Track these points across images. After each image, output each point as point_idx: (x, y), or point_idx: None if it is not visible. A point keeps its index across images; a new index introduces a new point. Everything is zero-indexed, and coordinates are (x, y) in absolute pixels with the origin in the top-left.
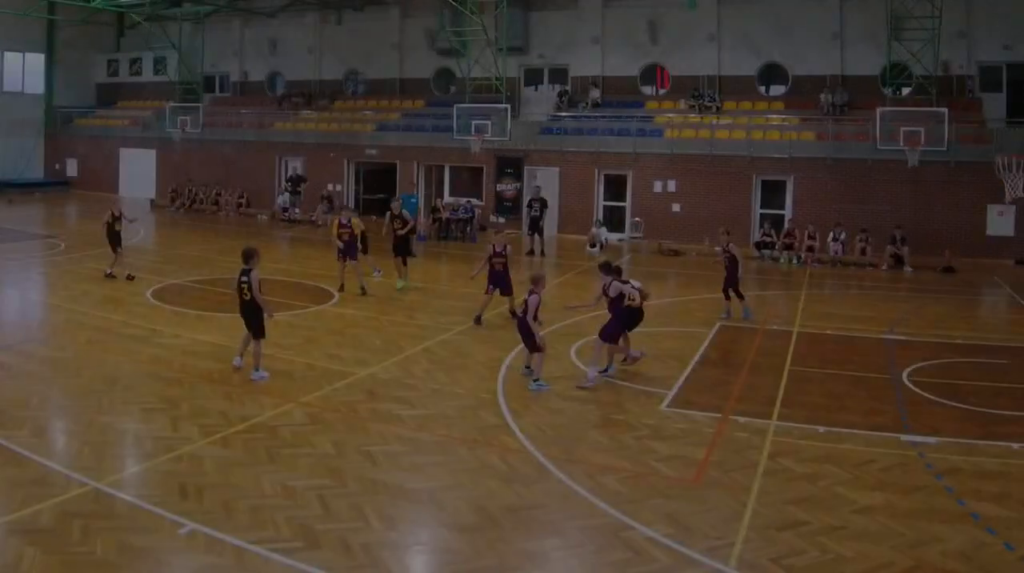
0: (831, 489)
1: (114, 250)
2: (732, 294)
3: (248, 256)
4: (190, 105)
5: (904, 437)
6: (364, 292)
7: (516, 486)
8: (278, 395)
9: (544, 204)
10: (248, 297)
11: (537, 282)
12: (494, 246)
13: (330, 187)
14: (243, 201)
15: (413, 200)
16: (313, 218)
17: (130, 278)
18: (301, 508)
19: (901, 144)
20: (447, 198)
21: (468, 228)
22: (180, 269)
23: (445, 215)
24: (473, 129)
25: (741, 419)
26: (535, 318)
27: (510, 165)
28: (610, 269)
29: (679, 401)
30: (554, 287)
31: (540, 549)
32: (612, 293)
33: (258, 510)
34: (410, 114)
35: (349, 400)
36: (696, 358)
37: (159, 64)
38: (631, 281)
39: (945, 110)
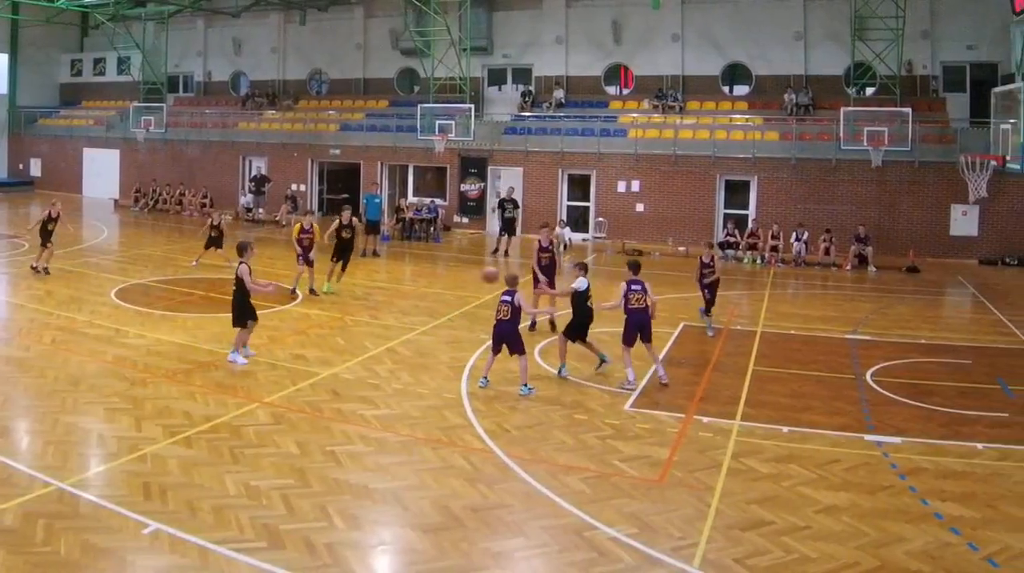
0: (795, 489)
1: (44, 246)
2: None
3: (241, 249)
4: (154, 105)
5: (868, 437)
6: (314, 293)
7: (480, 486)
8: (242, 395)
9: (516, 205)
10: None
11: (512, 281)
12: (539, 241)
13: (294, 187)
14: (207, 201)
15: (377, 200)
16: (277, 218)
17: (45, 272)
18: (265, 508)
19: (865, 144)
20: (411, 198)
21: (432, 228)
22: (144, 269)
23: (409, 215)
24: (437, 129)
25: (705, 419)
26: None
27: (474, 165)
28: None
29: (643, 401)
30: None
31: (504, 549)
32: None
33: (222, 510)
34: (374, 114)
35: (313, 400)
36: (660, 357)
37: (123, 64)
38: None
39: (909, 110)
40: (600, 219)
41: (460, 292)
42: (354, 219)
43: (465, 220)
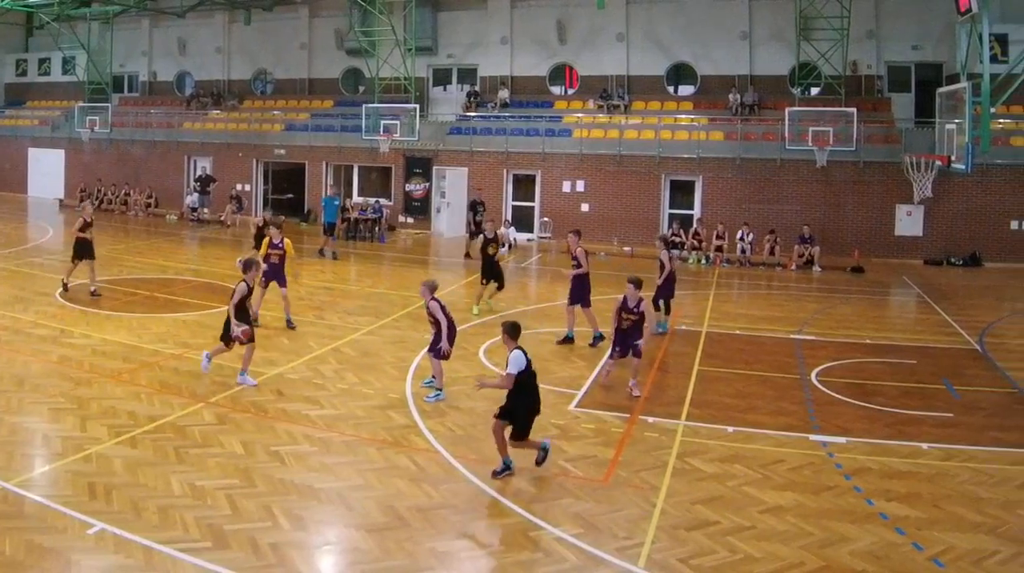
0: (740, 489)
1: (74, 260)
2: (662, 305)
3: (246, 266)
4: (99, 105)
5: (813, 437)
6: (291, 325)
7: (425, 486)
8: (187, 395)
9: (485, 207)
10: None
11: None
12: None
13: (239, 187)
14: (152, 201)
15: (336, 203)
16: (222, 218)
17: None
18: (210, 508)
19: (810, 144)
20: (356, 198)
21: (376, 228)
22: (89, 269)
23: (354, 215)
24: (382, 129)
25: (650, 419)
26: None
27: (419, 165)
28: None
29: (588, 401)
30: (461, 287)
31: (449, 549)
32: (642, 307)
33: (167, 510)
34: (319, 114)
35: (258, 400)
36: (605, 359)
37: (68, 64)
38: None
39: (854, 110)
40: (545, 219)
41: (405, 292)
42: (499, 232)
43: (410, 220)
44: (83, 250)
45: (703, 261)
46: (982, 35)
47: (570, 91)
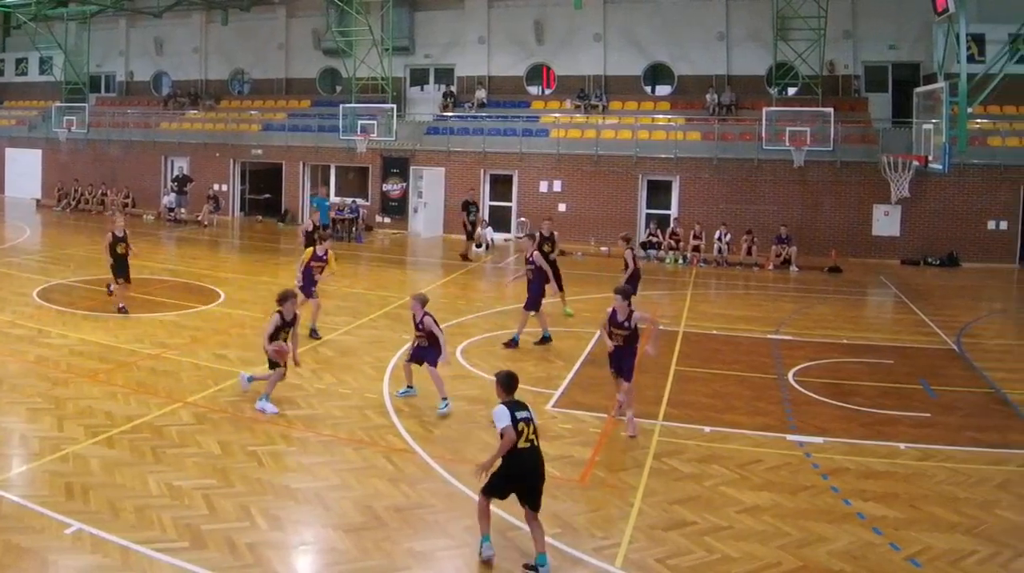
0: (717, 489)
1: (117, 280)
2: None
3: (282, 299)
4: (76, 105)
5: (790, 437)
6: (317, 336)
7: (402, 486)
8: (164, 395)
9: (478, 208)
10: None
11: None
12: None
13: (216, 187)
14: (129, 201)
15: (326, 204)
16: (199, 218)
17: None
18: (187, 508)
19: (787, 144)
20: (333, 198)
21: (353, 228)
22: (66, 269)
23: (331, 215)
24: (359, 129)
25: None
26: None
27: (396, 165)
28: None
29: (565, 401)
30: (439, 287)
31: (426, 549)
32: (634, 322)
33: (144, 510)
34: (296, 114)
35: (235, 400)
36: (582, 358)
37: (45, 64)
38: None
39: (831, 110)
40: (522, 219)
41: (382, 292)
42: (555, 233)
43: (387, 220)
44: (122, 268)
45: (680, 261)
46: (959, 35)
47: (547, 91)
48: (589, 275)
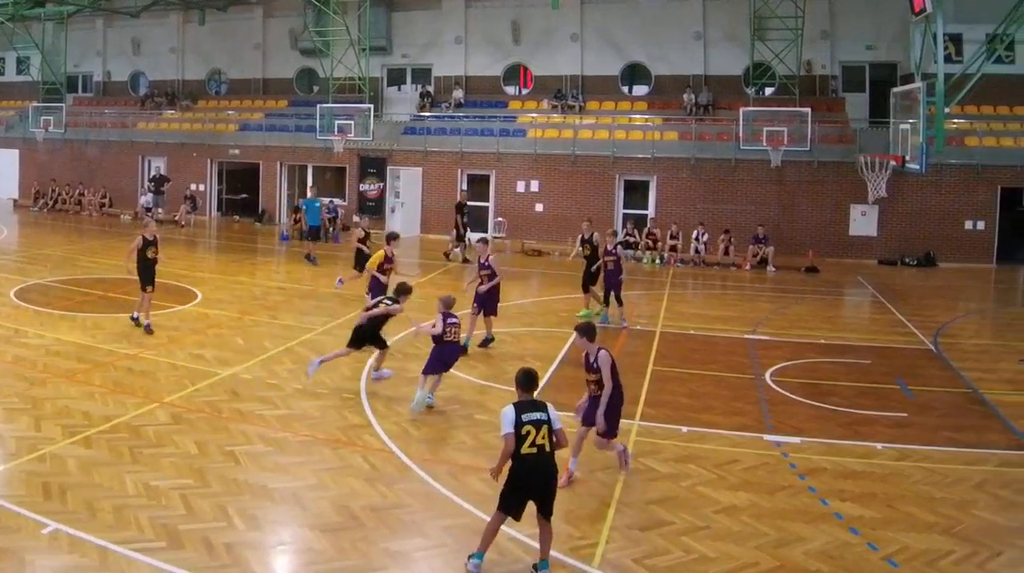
0: (694, 489)
1: (144, 288)
2: (613, 298)
3: (404, 291)
4: (53, 105)
5: (767, 437)
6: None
7: (379, 486)
8: (141, 395)
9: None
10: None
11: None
12: (606, 246)
13: (193, 187)
14: (106, 201)
15: (317, 205)
16: (176, 218)
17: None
18: (164, 508)
19: (764, 144)
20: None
21: (331, 228)
22: (43, 269)
23: (323, 215)
24: (336, 129)
25: None
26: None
27: (373, 165)
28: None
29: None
30: (416, 287)
31: (403, 549)
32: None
33: (121, 510)
34: (273, 114)
35: (212, 400)
36: (559, 358)
37: (22, 64)
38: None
39: (808, 110)
40: (499, 219)
41: (359, 291)
42: (597, 236)
43: (364, 220)
44: (149, 275)
45: (657, 261)
46: (936, 35)
47: (524, 91)
48: (563, 275)
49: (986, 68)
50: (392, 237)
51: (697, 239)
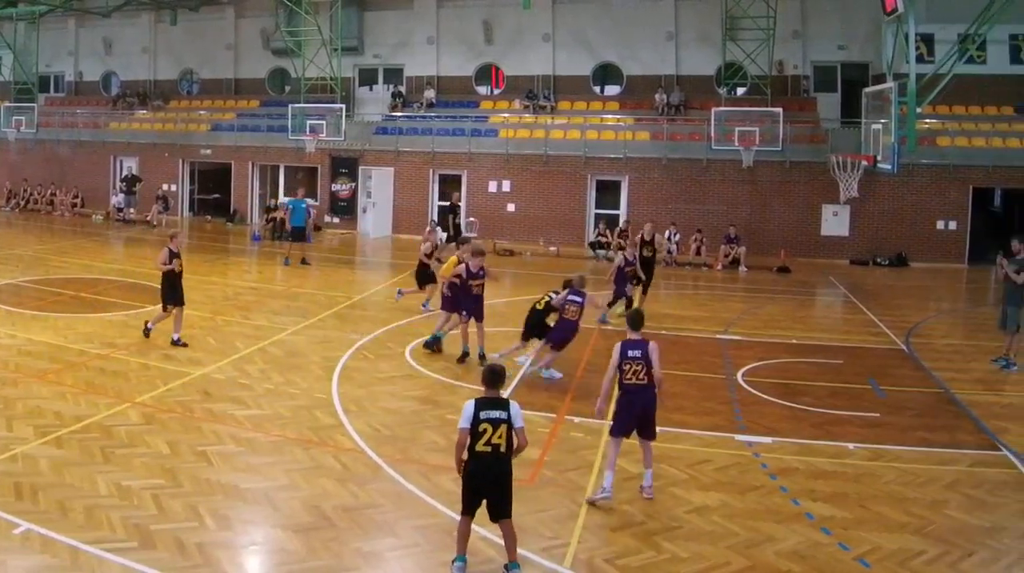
0: (666, 489)
1: (167, 307)
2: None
3: (581, 283)
4: (25, 105)
5: (739, 437)
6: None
7: (351, 486)
8: (113, 395)
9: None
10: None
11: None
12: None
13: (165, 187)
14: (78, 201)
15: (303, 206)
16: (148, 218)
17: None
18: (136, 508)
19: (736, 144)
20: (282, 198)
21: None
22: (15, 269)
23: (280, 215)
24: (308, 129)
25: (576, 419)
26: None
27: (345, 165)
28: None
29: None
30: (388, 287)
31: (375, 549)
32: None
33: (93, 510)
34: (245, 114)
35: (184, 400)
36: (529, 359)
37: None
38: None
39: (780, 110)
40: (471, 219)
41: (331, 292)
42: (657, 236)
43: (336, 220)
44: (174, 291)
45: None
46: (908, 35)
47: (496, 91)
48: (537, 275)
49: (958, 68)
50: (479, 251)
51: (669, 239)
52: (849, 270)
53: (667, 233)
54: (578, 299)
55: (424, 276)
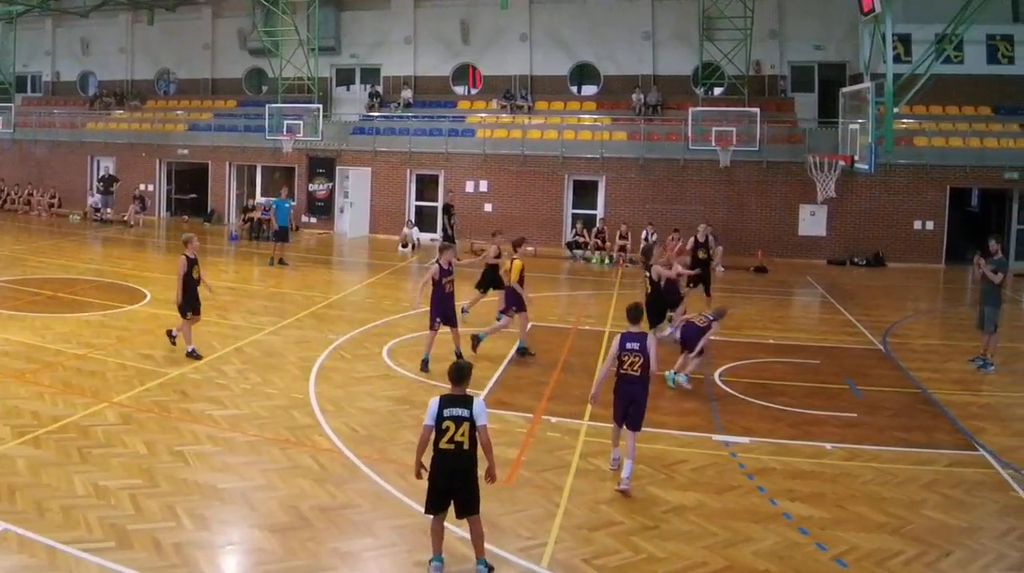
0: (643, 489)
1: (187, 315)
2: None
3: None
4: (1, 105)
5: (716, 437)
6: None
7: (328, 486)
8: (90, 395)
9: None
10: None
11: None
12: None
13: (142, 187)
14: (55, 201)
15: (287, 206)
16: (125, 218)
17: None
18: (113, 508)
19: (713, 144)
20: (259, 198)
21: None
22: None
23: (257, 215)
24: (285, 129)
25: (553, 419)
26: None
27: (322, 165)
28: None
29: (491, 401)
30: (365, 287)
31: (352, 549)
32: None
33: (70, 510)
34: (222, 114)
35: (161, 400)
36: (508, 358)
37: None
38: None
39: (757, 110)
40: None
41: (308, 292)
42: (710, 237)
43: (313, 220)
44: (196, 298)
45: (606, 261)
46: (885, 35)
47: (473, 91)
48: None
49: (935, 68)
50: (519, 242)
51: (646, 239)
52: (826, 270)
53: (643, 233)
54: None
55: (490, 281)
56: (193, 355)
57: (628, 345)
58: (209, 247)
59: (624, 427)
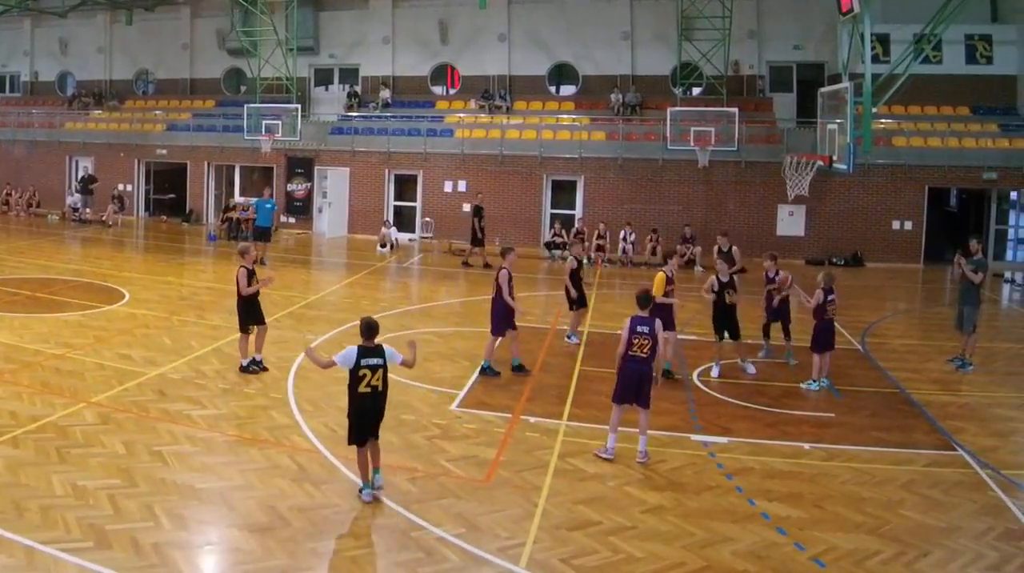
0: (621, 489)
1: (247, 329)
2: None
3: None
4: None
5: (695, 437)
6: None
7: (307, 486)
8: (68, 395)
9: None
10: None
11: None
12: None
13: (120, 187)
14: (34, 201)
15: (269, 206)
16: (103, 218)
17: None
18: (91, 508)
19: (691, 144)
20: (237, 198)
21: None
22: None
23: (236, 215)
24: (263, 129)
25: (532, 419)
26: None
27: (300, 165)
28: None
29: (470, 401)
30: (343, 287)
31: (331, 548)
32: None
33: (48, 510)
34: (200, 114)
35: (140, 400)
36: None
37: None
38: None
39: (735, 110)
40: (427, 219)
41: (286, 292)
42: (735, 249)
43: (292, 220)
44: (254, 311)
45: (585, 261)
46: (864, 35)
47: (452, 91)
48: (490, 275)
49: (913, 68)
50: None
51: (624, 239)
52: (805, 270)
53: (622, 233)
54: (832, 296)
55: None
56: (254, 368)
57: (639, 328)
58: (188, 247)
59: (635, 405)
